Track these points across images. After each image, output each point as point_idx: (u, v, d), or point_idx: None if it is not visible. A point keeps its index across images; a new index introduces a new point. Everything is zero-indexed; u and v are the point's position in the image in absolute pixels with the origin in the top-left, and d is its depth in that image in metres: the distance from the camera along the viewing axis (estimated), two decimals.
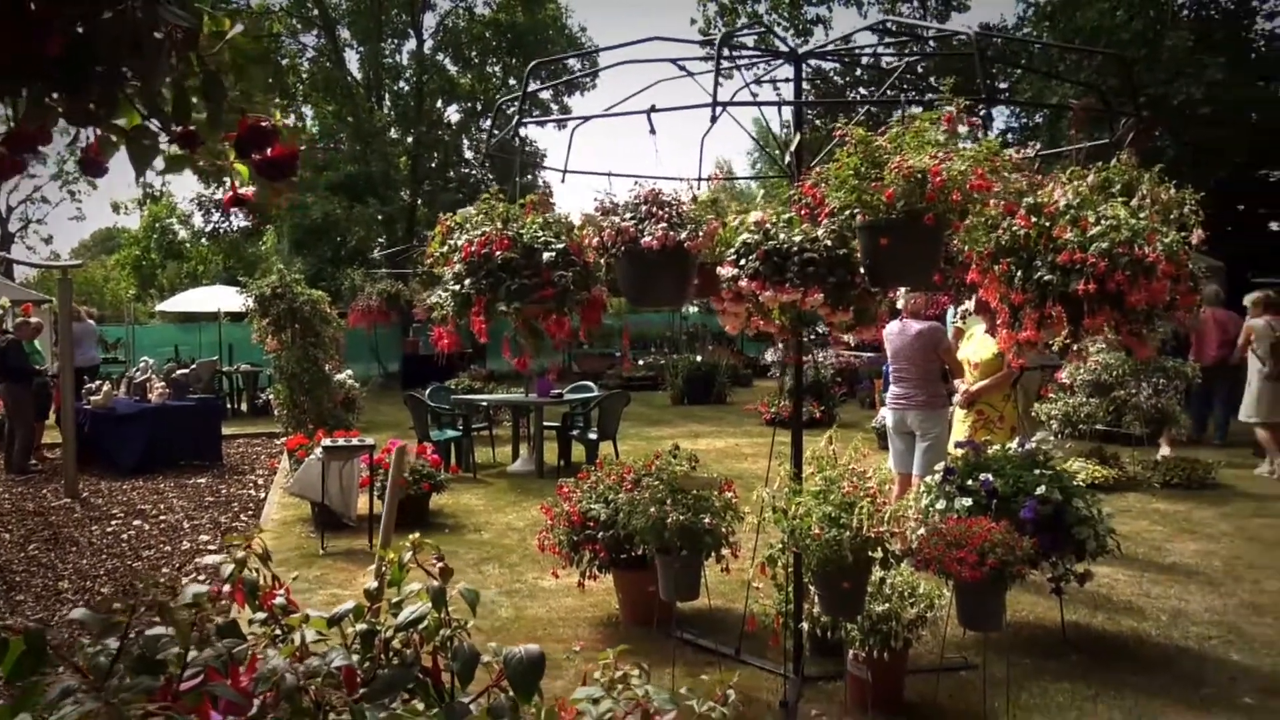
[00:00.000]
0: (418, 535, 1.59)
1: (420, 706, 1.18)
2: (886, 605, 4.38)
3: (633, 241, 3.53)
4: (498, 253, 3.93)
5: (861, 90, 22.24)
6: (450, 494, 9.24)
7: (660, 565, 4.62)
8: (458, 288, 4.02)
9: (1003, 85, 20.37)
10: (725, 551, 4.83)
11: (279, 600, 1.48)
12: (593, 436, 10.98)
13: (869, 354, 15.05)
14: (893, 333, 6.80)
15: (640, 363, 22.48)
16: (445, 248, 4.19)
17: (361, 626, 1.28)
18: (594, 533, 5.39)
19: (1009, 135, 22.91)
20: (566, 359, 22.51)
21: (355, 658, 1.25)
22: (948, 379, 6.86)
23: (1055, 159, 5.29)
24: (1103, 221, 3.57)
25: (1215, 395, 11.50)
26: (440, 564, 1.47)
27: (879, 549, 4.00)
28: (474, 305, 3.99)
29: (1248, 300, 10.55)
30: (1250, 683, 4.74)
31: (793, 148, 4.17)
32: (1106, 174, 4.28)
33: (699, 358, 19.22)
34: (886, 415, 7.16)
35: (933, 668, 4.76)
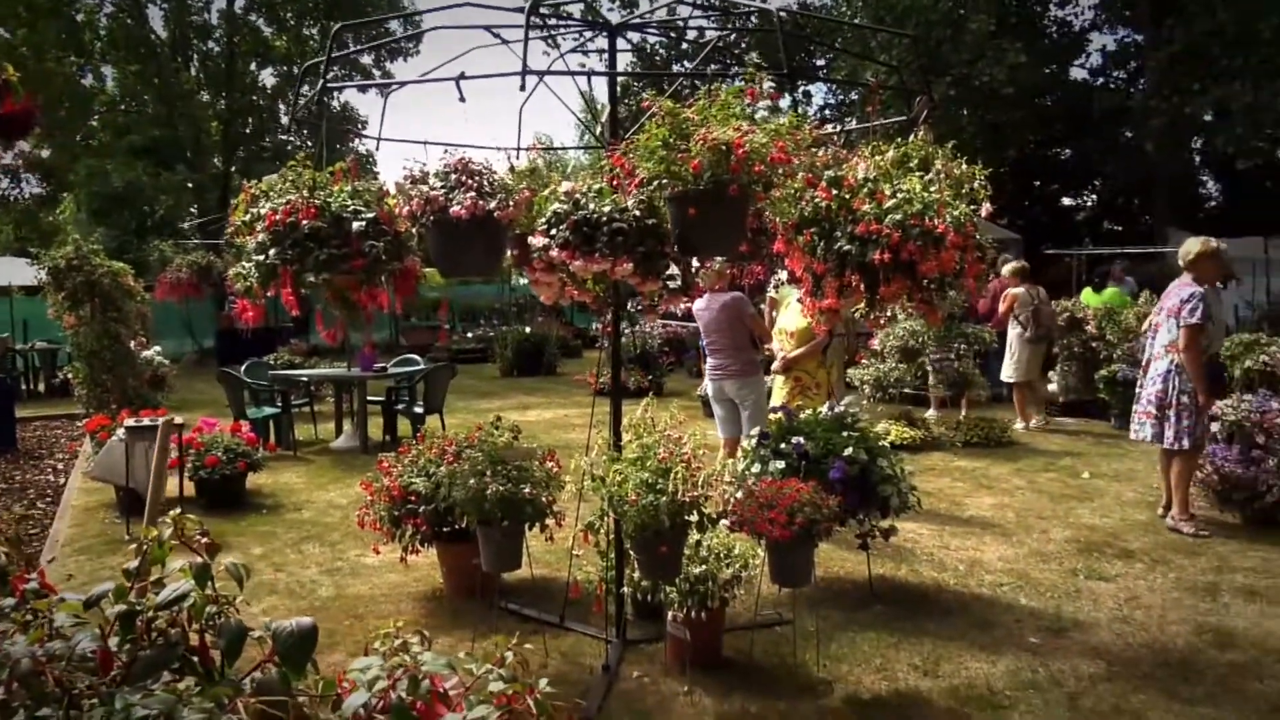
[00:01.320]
0: (178, 511, 1.52)
1: (182, 686, 1.15)
2: (703, 567, 4.51)
3: (441, 211, 3.48)
4: (304, 222, 3.79)
5: (687, 64, 22.53)
6: (269, 473, 8.93)
7: (482, 537, 4.60)
8: (262, 258, 3.87)
9: (820, 62, 21.04)
10: (549, 521, 4.86)
11: (31, 584, 1.39)
12: (419, 410, 10.81)
13: (694, 324, 15.36)
14: (700, 307, 6.98)
15: (469, 335, 22.24)
16: (248, 216, 4.02)
17: (121, 607, 1.23)
18: (415, 507, 5.32)
19: (826, 111, 23.73)
20: (393, 332, 22.04)
21: (116, 640, 1.20)
22: (759, 346, 7.08)
23: (869, 134, 5.50)
24: (897, 195, 3.76)
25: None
26: (206, 539, 1.42)
27: (694, 513, 4.11)
28: (280, 277, 3.85)
29: (1005, 270, 11.31)
30: (1036, 624, 5.11)
31: (604, 119, 4.19)
32: (905, 149, 4.49)
33: (528, 329, 19.16)
34: (707, 385, 7.35)
35: (749, 624, 4.94)
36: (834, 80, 19.77)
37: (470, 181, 3.50)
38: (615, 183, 3.78)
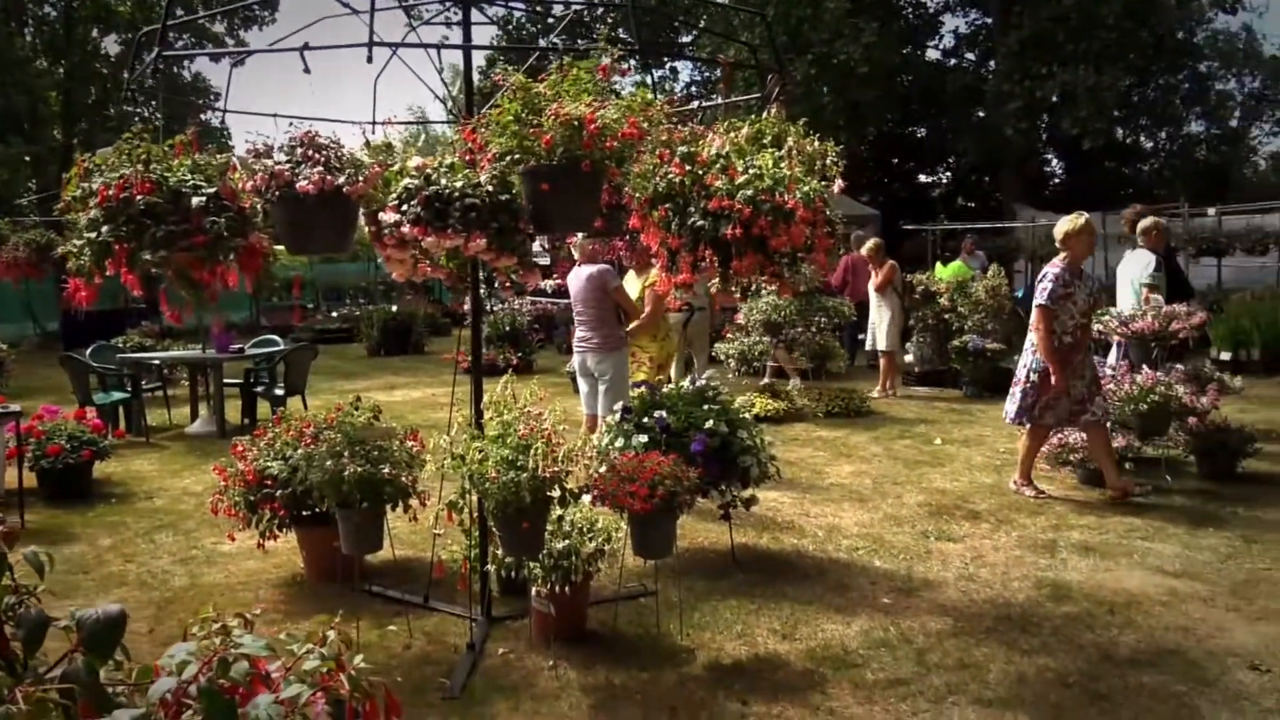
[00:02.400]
0: None
1: None
2: (566, 542, 4.53)
3: (287, 186, 3.38)
4: (139, 197, 3.62)
5: (555, 40, 22.36)
6: (118, 460, 8.54)
7: (341, 519, 4.52)
8: (94, 235, 3.68)
9: (685, 39, 21.17)
10: (412, 501, 4.81)
11: None
12: (279, 393, 10.50)
13: (566, 300, 15.36)
14: (571, 279, 7.03)
15: (334, 314, 21.69)
16: (79, 191, 3.81)
17: None
18: (272, 491, 5.18)
19: (693, 88, 23.93)
20: (253, 313, 21.31)
21: None
22: (623, 320, 7.13)
23: (725, 111, 5.57)
24: (749, 171, 3.83)
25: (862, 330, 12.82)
26: (2, 527, 1.35)
27: (556, 488, 4.13)
28: (115, 255, 3.67)
29: (865, 248, 11.77)
30: (888, 585, 5.33)
31: (454, 93, 4.13)
32: (759, 126, 4.57)
33: (395, 308, 18.80)
34: (574, 359, 7.38)
35: (614, 597, 4.99)
36: (692, 58, 19.93)
37: (317, 156, 3.41)
38: (470, 158, 3.74)
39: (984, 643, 4.54)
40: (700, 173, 3.79)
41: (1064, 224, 6.92)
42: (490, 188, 3.54)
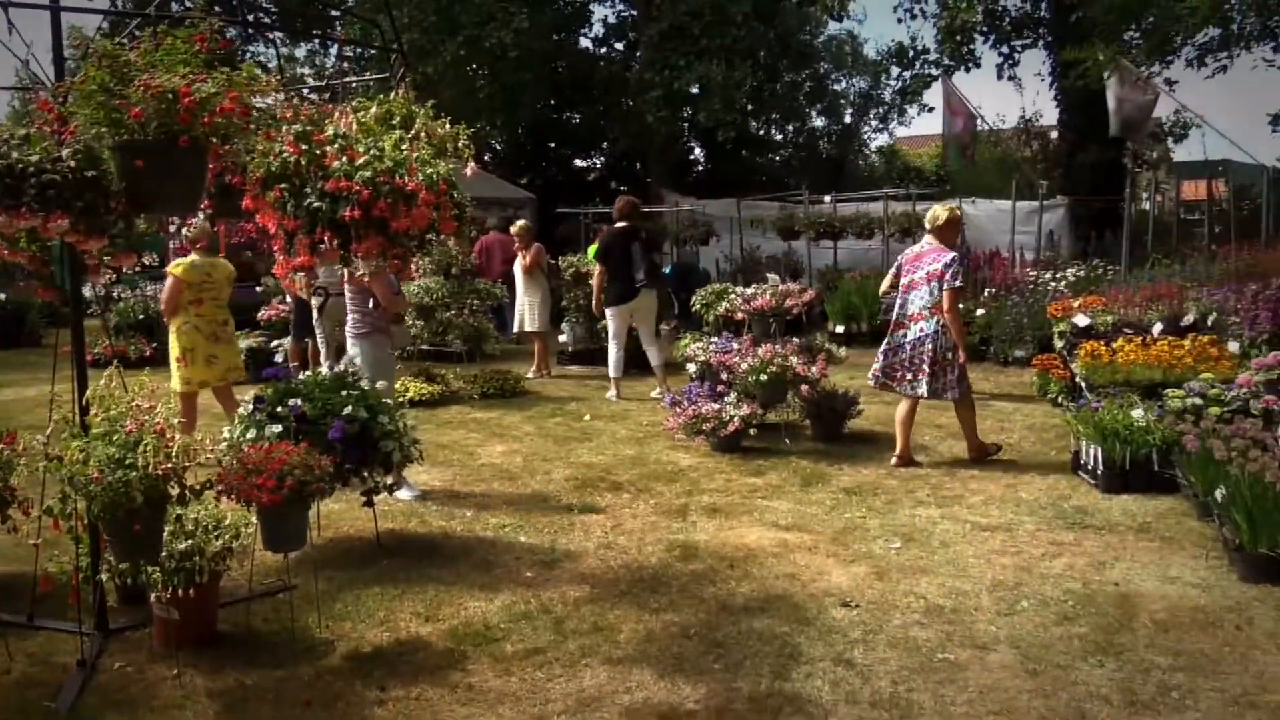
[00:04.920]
0: None
1: None
2: (189, 541, 4.28)
3: None
4: None
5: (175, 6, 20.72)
6: None
7: None
8: None
9: (335, 13, 20.36)
10: (11, 511, 4.34)
11: None
12: None
13: None
14: None
15: None
16: None
17: None
18: None
19: (344, 64, 23.08)
20: None
21: None
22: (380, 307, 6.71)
23: (350, 90, 5.44)
24: (370, 152, 3.78)
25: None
26: None
27: (173, 485, 3.88)
28: None
29: (514, 229, 11.98)
30: (532, 559, 5.48)
31: (25, 56, 3.74)
32: (388, 107, 4.51)
33: (3, 295, 16.69)
34: None
35: (248, 596, 4.77)
36: (305, 32, 19.17)
37: None
38: (52, 130, 3.40)
39: (618, 605, 4.79)
40: (317, 152, 3.69)
41: (941, 211, 7.26)
42: (73, 163, 3.24)
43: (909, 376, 7.23)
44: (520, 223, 12.00)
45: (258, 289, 12.96)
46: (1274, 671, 3.98)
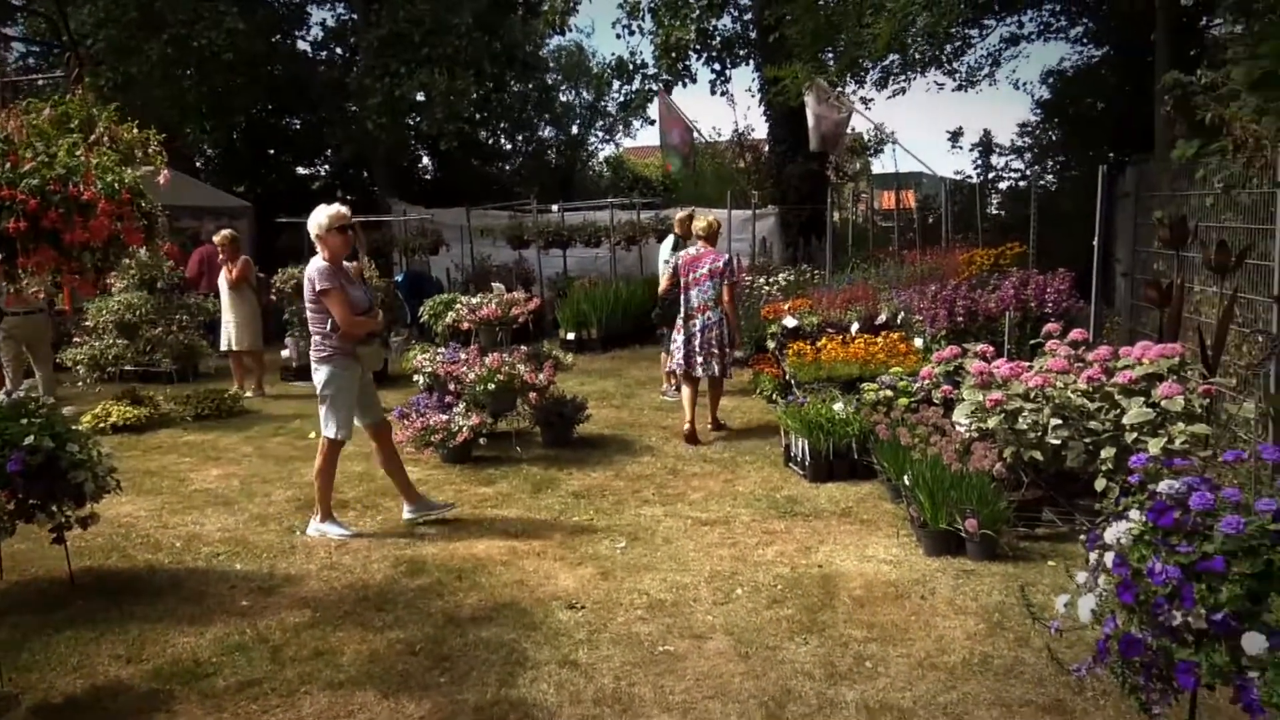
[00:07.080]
0: None
1: None
2: None
3: None
4: None
5: None
6: None
7: None
8: None
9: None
10: None
11: None
12: None
13: None
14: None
15: None
16: None
17: None
18: None
19: (30, 59, 21.02)
20: None
21: None
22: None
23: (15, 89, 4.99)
24: (38, 158, 3.47)
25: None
26: None
27: None
28: None
29: (217, 239, 11.19)
30: (248, 586, 5.21)
31: None
32: (65, 109, 4.17)
33: None
34: None
35: None
36: None
37: None
38: None
39: (341, 627, 4.65)
40: None
41: (711, 222, 8.56)
42: None
43: (702, 360, 8.33)
44: (225, 232, 11.01)
45: None
46: (952, 635, 4.41)
